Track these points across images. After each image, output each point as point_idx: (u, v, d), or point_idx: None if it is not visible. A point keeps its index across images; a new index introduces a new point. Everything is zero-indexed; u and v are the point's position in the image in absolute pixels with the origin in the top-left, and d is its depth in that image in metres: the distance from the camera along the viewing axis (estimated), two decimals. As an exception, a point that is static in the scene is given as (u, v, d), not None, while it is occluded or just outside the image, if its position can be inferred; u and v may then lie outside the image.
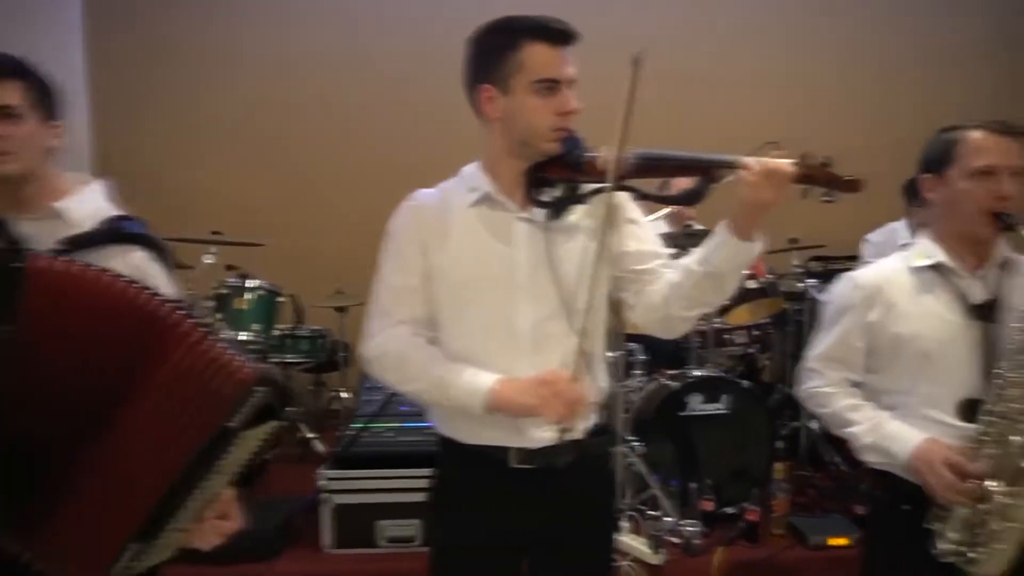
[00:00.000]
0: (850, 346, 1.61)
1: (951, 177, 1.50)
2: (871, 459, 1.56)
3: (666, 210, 2.68)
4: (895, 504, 1.54)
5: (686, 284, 1.34)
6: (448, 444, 1.44)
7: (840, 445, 2.85)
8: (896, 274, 1.59)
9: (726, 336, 3.04)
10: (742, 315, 3.02)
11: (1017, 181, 1.47)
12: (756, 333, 3.10)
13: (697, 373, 2.86)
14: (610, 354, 2.81)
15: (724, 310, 2.96)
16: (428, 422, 1.52)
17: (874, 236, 3.57)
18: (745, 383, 2.87)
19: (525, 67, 1.29)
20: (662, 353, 2.97)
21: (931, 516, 1.45)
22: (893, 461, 1.50)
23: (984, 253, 1.52)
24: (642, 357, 2.92)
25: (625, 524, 2.63)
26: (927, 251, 1.57)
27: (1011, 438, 1.36)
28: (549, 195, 1.36)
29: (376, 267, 1.44)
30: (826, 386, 1.64)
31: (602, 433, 1.48)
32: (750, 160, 1.22)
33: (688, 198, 1.31)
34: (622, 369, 2.79)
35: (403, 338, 1.37)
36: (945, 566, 1.43)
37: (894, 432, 1.51)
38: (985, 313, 1.48)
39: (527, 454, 1.36)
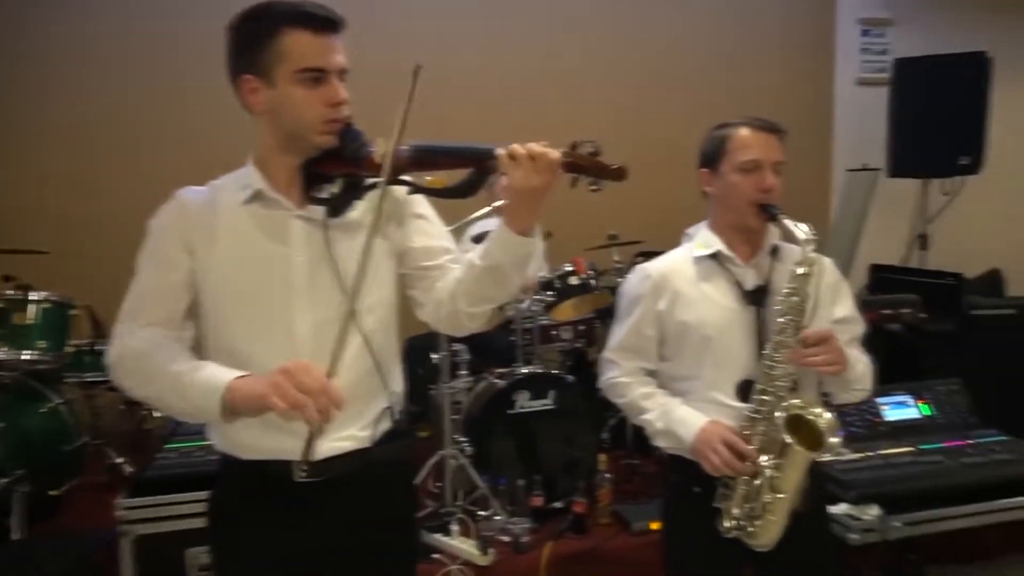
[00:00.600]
0: (643, 335, 1.66)
1: (723, 171, 1.59)
2: (663, 444, 1.62)
3: (490, 207, 2.66)
4: (687, 487, 1.60)
5: (469, 279, 1.31)
6: (228, 461, 1.31)
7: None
8: (681, 264, 1.66)
9: (553, 332, 3.09)
10: (567, 311, 3.08)
11: (779, 174, 1.58)
12: (582, 328, 3.18)
13: (524, 370, 2.88)
14: (435, 356, 2.78)
15: (549, 306, 3.00)
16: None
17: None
18: (571, 378, 2.92)
19: (287, 56, 1.19)
20: (489, 352, 2.97)
21: (718, 496, 1.52)
22: (681, 445, 1.56)
23: (756, 242, 1.62)
24: (468, 357, 2.90)
25: (454, 527, 2.60)
26: (706, 241, 1.65)
27: (776, 415, 1.44)
28: (327, 191, 1.28)
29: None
30: (622, 376, 1.69)
31: (396, 438, 1.42)
32: (513, 145, 1.21)
33: (461, 190, 1.27)
34: (448, 370, 2.75)
35: (148, 339, 1.22)
36: (733, 542, 1.50)
37: (681, 417, 1.57)
38: (757, 298, 1.57)
39: (311, 467, 1.27)
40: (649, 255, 3.84)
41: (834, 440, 1.38)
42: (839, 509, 2.15)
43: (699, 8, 4.57)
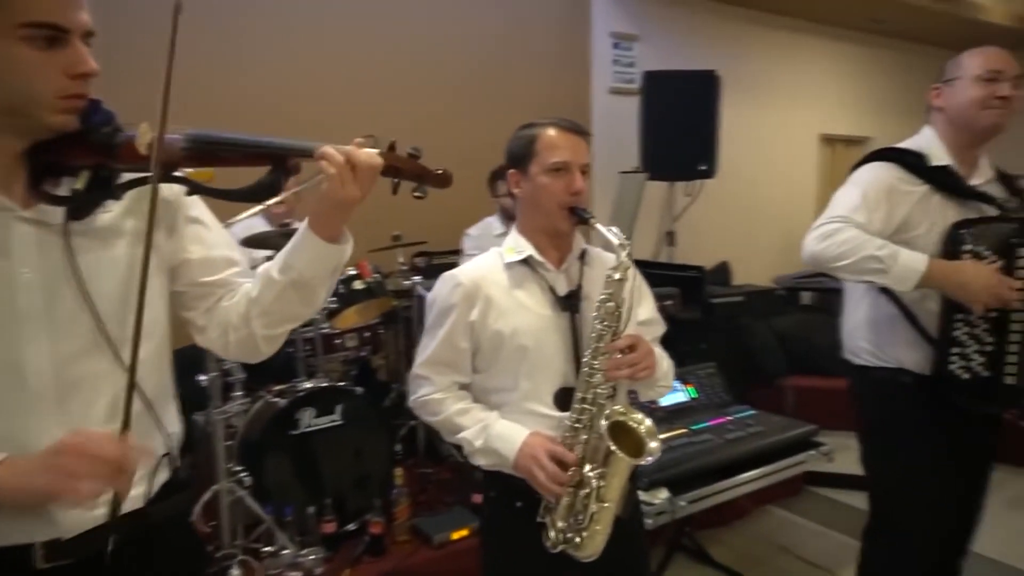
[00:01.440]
0: (456, 347, 1.55)
1: (532, 173, 1.53)
2: (483, 463, 1.53)
3: (259, 207, 2.36)
4: (509, 502, 1.53)
5: (267, 297, 1.10)
6: None
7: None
8: (492, 270, 1.58)
9: (336, 341, 2.87)
10: (351, 318, 2.87)
11: (587, 177, 1.57)
12: (367, 335, 2.99)
13: (307, 385, 2.62)
14: (203, 377, 2.41)
15: (332, 314, 2.78)
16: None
17: (473, 230, 3.78)
18: (359, 389, 2.72)
19: (7, 7, 0.89)
20: (265, 369, 2.65)
21: (542, 510, 1.46)
22: (503, 462, 1.48)
23: (565, 246, 1.59)
24: (242, 376, 2.57)
25: (235, 571, 2.28)
26: (517, 246, 1.59)
27: (599, 423, 1.43)
28: (67, 187, 0.99)
29: None
30: (436, 392, 1.56)
31: (177, 490, 1.15)
32: (329, 149, 1.03)
33: (257, 193, 1.06)
34: (219, 393, 2.40)
35: None
36: (558, 556, 1.45)
37: (500, 432, 1.49)
38: (571, 304, 1.55)
39: (60, 547, 0.98)
40: (431, 255, 3.79)
41: (654, 445, 1.39)
42: (633, 497, 2.25)
43: (471, 16, 4.58)
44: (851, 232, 1.65)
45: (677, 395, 2.91)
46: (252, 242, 2.57)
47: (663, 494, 2.26)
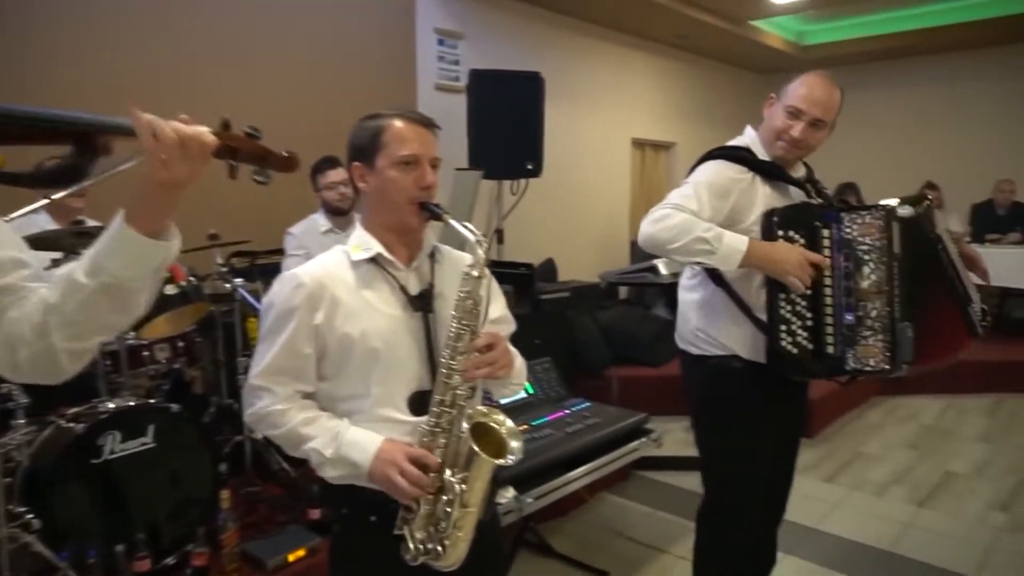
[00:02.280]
0: (299, 354, 1.41)
1: (379, 166, 1.44)
2: (333, 474, 1.40)
3: (44, 200, 2.01)
4: (363, 518, 1.42)
5: (72, 305, 0.91)
6: None
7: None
8: (339, 269, 1.46)
9: (145, 354, 2.54)
10: (161, 327, 2.56)
11: (436, 171, 1.50)
12: (181, 345, 2.68)
13: (110, 406, 2.29)
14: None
15: (137, 324, 2.45)
16: None
17: (295, 228, 3.54)
18: (173, 406, 2.43)
19: None
20: (54, 390, 2.28)
21: (399, 522, 1.37)
22: (357, 472, 1.37)
23: (415, 243, 1.52)
24: (24, 400, 2.18)
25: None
26: (363, 243, 1.48)
27: (461, 425, 1.37)
28: None
29: None
30: (276, 403, 1.41)
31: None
32: (155, 121, 0.88)
33: (57, 176, 0.88)
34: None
35: None
36: (418, 569, 1.37)
37: (353, 439, 1.38)
38: (423, 304, 1.47)
39: None
40: (254, 255, 3.50)
41: (517, 445, 1.36)
42: (481, 498, 2.22)
43: (297, 10, 4.32)
44: (681, 216, 1.76)
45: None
46: (35, 243, 2.19)
47: (509, 493, 2.25)
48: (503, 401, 2.86)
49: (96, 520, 2.20)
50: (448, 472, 1.37)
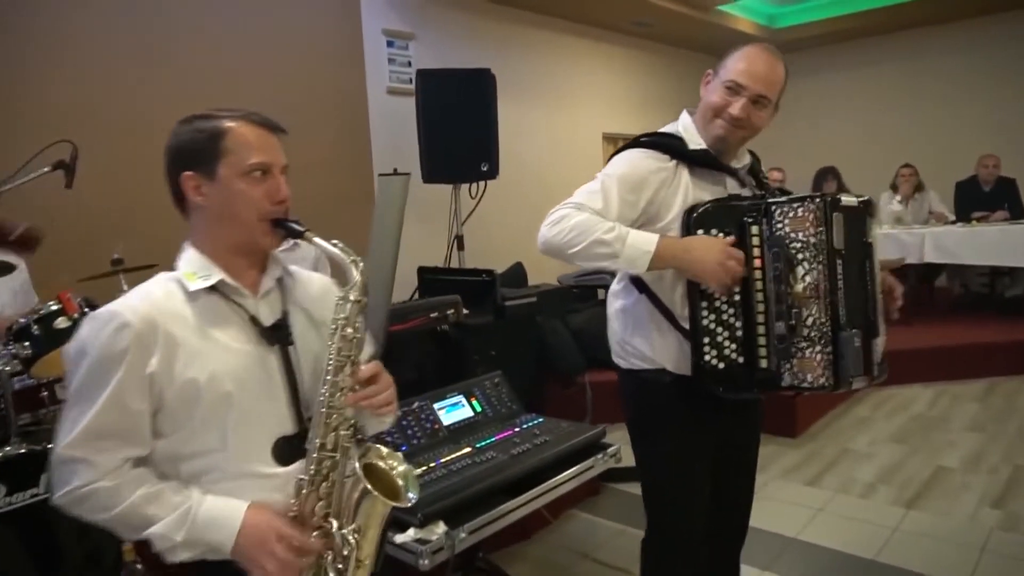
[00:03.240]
0: (128, 411, 1.15)
1: (222, 176, 1.21)
2: (187, 556, 1.17)
3: None
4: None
5: None
6: None
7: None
8: (171, 302, 1.22)
9: (43, 394, 2.32)
10: (56, 364, 2.34)
11: (287, 181, 1.29)
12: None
13: (-4, 455, 2.07)
14: None
15: (28, 362, 2.23)
16: None
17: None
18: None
19: None
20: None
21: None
22: (220, 553, 1.15)
23: (262, 266, 1.30)
24: None
25: None
26: (201, 269, 1.25)
27: (346, 468, 1.17)
28: None
29: None
30: (101, 480, 1.14)
31: None
32: None
33: None
34: None
35: None
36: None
37: (209, 518, 1.15)
38: (280, 336, 1.26)
39: None
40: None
41: (412, 495, 1.17)
42: (406, 536, 1.99)
43: (241, 12, 4.12)
44: (581, 217, 1.53)
45: (460, 410, 2.71)
46: None
47: (440, 529, 2.02)
48: (447, 421, 2.66)
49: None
50: (335, 524, 1.16)
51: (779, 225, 1.54)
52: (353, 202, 4.30)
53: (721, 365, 1.55)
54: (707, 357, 1.55)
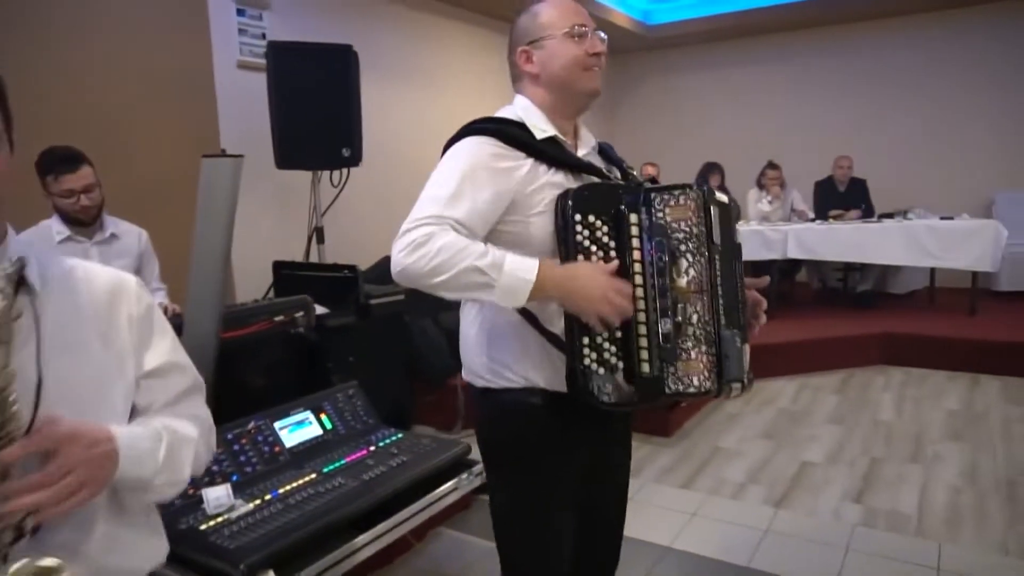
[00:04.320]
0: None
1: None
2: None
3: None
4: None
5: None
6: None
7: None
8: None
9: None
10: None
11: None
12: None
13: None
14: None
15: None
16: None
17: (23, 236, 2.80)
18: None
19: None
20: None
21: None
22: None
23: None
24: None
25: None
26: None
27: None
28: None
29: None
30: None
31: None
32: None
33: None
34: None
35: None
36: None
37: None
38: None
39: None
40: None
41: None
42: (225, 594, 1.65)
43: None
44: (447, 238, 1.25)
45: (307, 429, 2.37)
46: None
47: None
48: (290, 443, 2.31)
49: None
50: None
51: (659, 214, 1.35)
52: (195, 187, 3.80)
53: (601, 370, 1.32)
54: (585, 361, 1.31)
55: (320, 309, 3.41)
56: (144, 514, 1.10)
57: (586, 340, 1.31)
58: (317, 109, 3.85)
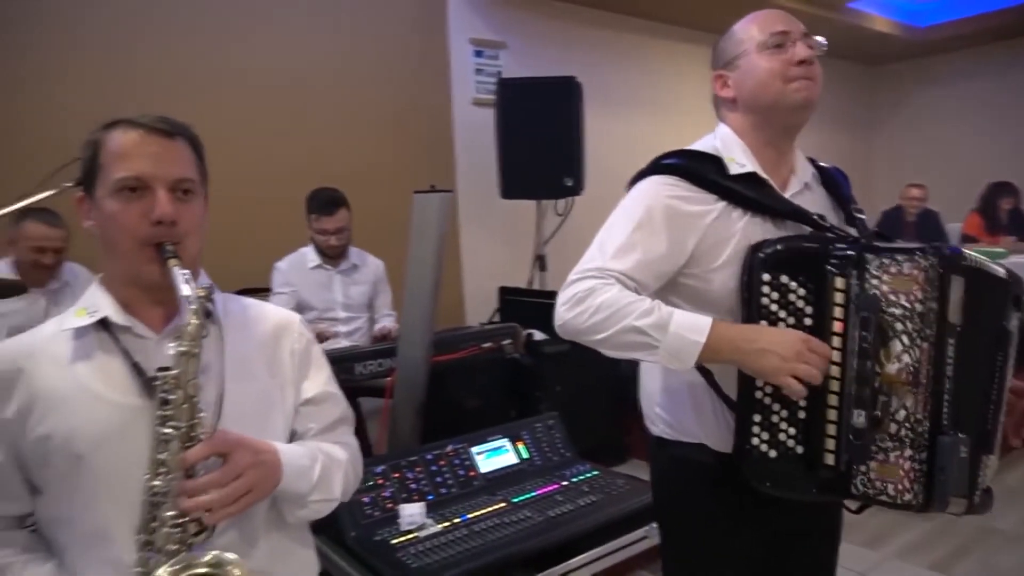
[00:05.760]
0: None
1: (98, 197, 1.02)
2: None
3: None
4: None
5: None
6: None
7: None
8: (52, 342, 1.03)
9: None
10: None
11: (188, 197, 1.06)
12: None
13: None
14: None
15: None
16: None
17: (283, 263, 3.24)
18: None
19: None
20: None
21: None
22: None
23: (172, 300, 1.06)
24: None
25: None
26: (91, 304, 1.06)
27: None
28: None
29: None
30: None
31: None
32: None
33: None
34: None
35: None
36: None
37: None
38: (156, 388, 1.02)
39: None
40: (246, 294, 3.21)
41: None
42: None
43: (332, 31, 4.08)
44: (609, 293, 1.15)
45: (502, 456, 2.39)
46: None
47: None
48: (485, 469, 2.35)
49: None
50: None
51: (874, 281, 1.11)
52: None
53: (772, 453, 1.14)
54: (755, 440, 1.14)
55: (539, 335, 3.47)
56: (301, 529, 1.17)
57: (758, 418, 1.13)
58: (541, 140, 3.95)
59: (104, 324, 1.03)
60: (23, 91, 3.12)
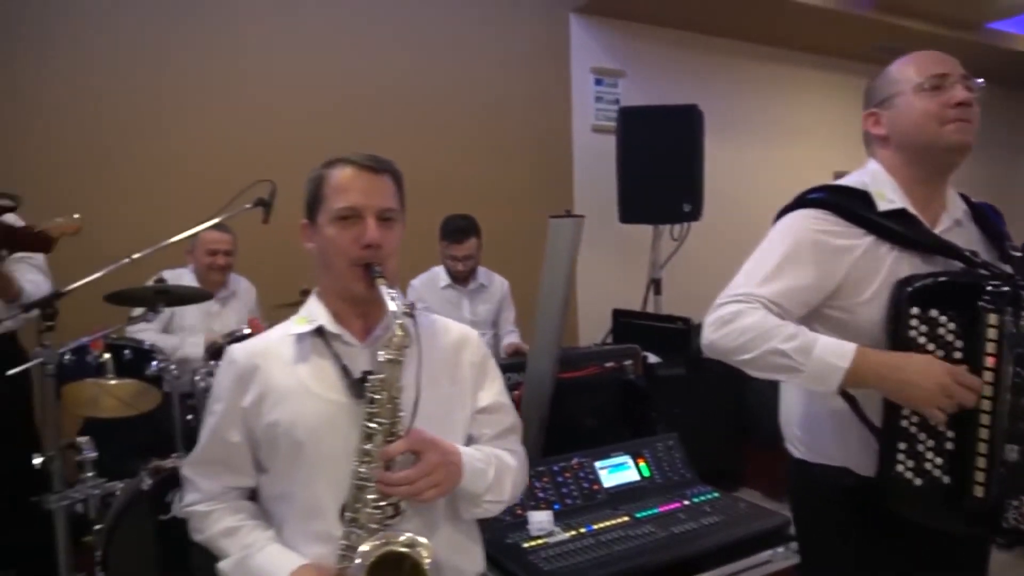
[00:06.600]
0: (227, 442, 1.22)
1: (320, 223, 1.23)
2: None
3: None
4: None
5: None
6: None
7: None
8: (279, 345, 1.25)
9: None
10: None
11: (393, 225, 1.25)
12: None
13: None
14: (38, 458, 2.08)
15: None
16: None
17: (417, 280, 3.46)
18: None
19: None
20: (129, 444, 2.33)
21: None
22: None
23: (373, 314, 1.25)
24: (92, 454, 2.21)
25: None
26: (310, 313, 1.27)
27: (357, 555, 1.06)
28: None
29: None
30: (201, 502, 1.23)
31: None
32: None
33: None
34: (60, 475, 2.06)
35: None
36: None
37: (259, 566, 1.15)
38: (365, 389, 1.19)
39: None
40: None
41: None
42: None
43: (459, 59, 4.36)
44: (754, 317, 1.23)
45: (624, 472, 2.47)
46: (116, 297, 2.27)
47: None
48: (608, 484, 2.44)
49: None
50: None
51: None
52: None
53: (918, 481, 1.17)
54: (899, 467, 1.18)
55: (652, 358, 3.53)
56: (472, 525, 1.31)
57: (903, 445, 1.18)
58: (660, 166, 4.03)
59: (319, 331, 1.22)
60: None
